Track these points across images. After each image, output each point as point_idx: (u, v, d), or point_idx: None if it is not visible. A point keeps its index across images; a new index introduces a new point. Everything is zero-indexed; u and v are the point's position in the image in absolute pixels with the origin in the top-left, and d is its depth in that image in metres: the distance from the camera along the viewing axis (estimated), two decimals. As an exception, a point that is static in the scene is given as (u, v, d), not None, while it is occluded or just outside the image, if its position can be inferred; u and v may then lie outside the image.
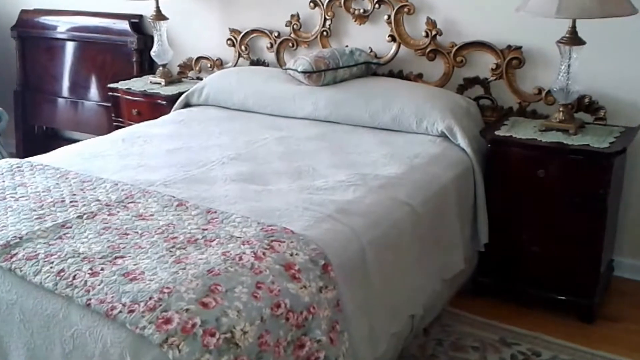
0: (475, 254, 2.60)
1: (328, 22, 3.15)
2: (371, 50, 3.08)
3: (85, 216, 1.92)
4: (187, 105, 3.18)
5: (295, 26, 3.24)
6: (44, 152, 2.57)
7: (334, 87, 2.86)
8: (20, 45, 4.08)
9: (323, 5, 3.13)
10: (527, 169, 2.43)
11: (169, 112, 3.18)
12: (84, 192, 2.07)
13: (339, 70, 2.86)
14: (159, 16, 3.41)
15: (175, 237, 1.79)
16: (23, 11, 4.07)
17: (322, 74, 2.84)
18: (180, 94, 3.24)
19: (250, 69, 3.26)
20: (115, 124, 3.48)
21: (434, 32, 2.88)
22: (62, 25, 3.96)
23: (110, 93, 3.47)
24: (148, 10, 3.49)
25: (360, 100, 2.76)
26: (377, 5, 3.00)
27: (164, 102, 3.28)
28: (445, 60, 2.91)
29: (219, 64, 3.53)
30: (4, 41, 4.14)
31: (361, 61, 2.92)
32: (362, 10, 3.05)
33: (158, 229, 1.84)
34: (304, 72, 2.85)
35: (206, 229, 1.84)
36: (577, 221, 2.39)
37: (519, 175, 2.46)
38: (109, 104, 3.54)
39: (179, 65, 3.65)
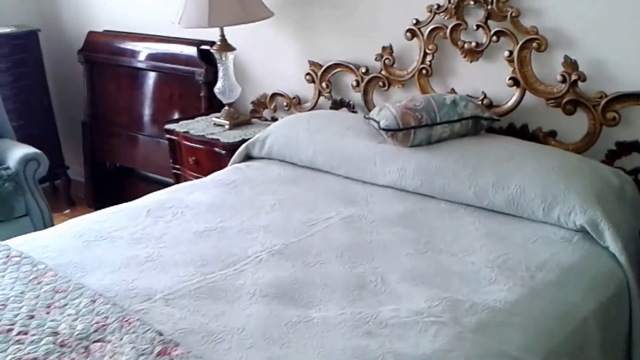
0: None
1: (429, 58, 2.41)
2: (484, 97, 2.30)
3: (21, 366, 1.35)
4: (248, 156, 2.58)
5: (387, 61, 2.53)
6: (115, 190, 2.11)
7: (428, 149, 2.11)
8: (87, 70, 3.68)
9: (423, 35, 2.40)
10: None
11: (228, 163, 2.60)
12: (48, 313, 1.50)
13: (435, 128, 2.11)
14: (225, 46, 2.83)
15: None
16: (90, 33, 3.66)
17: (411, 133, 2.11)
18: (243, 141, 2.63)
19: (325, 116, 2.57)
20: (173, 171, 2.96)
21: (574, 77, 2.07)
22: (130, 51, 3.49)
23: (168, 135, 2.94)
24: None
25: (462, 169, 2.00)
26: (494, 38, 2.22)
27: (223, 152, 2.69)
28: (589, 115, 2.09)
29: (297, 102, 2.91)
30: (72, 65, 3.78)
31: (467, 115, 2.14)
32: (474, 44, 2.28)
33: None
34: (386, 130, 2.13)
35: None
36: None
37: None
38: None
39: (252, 102, 3.07)
